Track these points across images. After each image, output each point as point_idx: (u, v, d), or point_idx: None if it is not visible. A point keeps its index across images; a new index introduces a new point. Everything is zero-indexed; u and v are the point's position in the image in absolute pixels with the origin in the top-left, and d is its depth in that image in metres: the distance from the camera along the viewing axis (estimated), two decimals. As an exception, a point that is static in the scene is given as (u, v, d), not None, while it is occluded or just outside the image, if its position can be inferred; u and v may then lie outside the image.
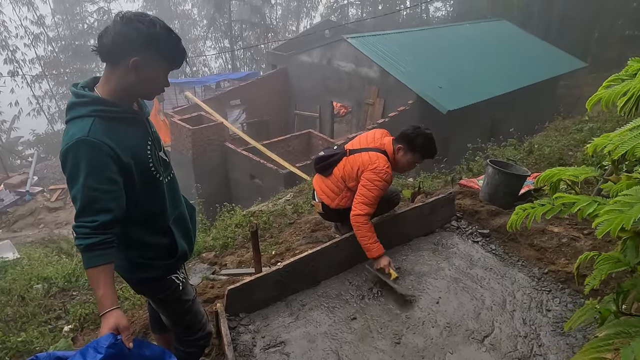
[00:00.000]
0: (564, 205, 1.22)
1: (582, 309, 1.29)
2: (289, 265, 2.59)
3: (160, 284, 1.69)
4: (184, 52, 1.48)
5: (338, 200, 2.84)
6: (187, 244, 1.74)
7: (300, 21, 36.09)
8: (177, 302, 1.76)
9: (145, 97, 1.54)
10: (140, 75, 1.41)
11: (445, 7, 30.97)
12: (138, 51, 1.38)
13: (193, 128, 11.87)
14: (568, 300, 2.54)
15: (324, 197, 2.89)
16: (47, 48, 28.60)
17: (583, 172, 1.33)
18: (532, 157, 5.44)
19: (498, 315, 2.48)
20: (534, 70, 14.49)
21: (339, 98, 15.17)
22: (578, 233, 2.89)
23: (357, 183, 2.71)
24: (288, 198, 6.52)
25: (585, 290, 1.32)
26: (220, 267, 4.07)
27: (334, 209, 2.88)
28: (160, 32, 1.39)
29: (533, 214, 1.31)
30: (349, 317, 2.50)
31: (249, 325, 2.43)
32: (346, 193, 2.81)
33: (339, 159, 2.81)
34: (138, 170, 1.48)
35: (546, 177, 1.36)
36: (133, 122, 1.50)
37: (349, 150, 2.82)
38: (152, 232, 1.61)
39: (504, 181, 3.34)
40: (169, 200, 1.64)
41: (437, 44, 14.86)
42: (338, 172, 2.80)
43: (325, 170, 2.86)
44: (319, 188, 2.94)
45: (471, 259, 2.96)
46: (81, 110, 1.39)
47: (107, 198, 1.36)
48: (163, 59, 1.43)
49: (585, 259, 1.35)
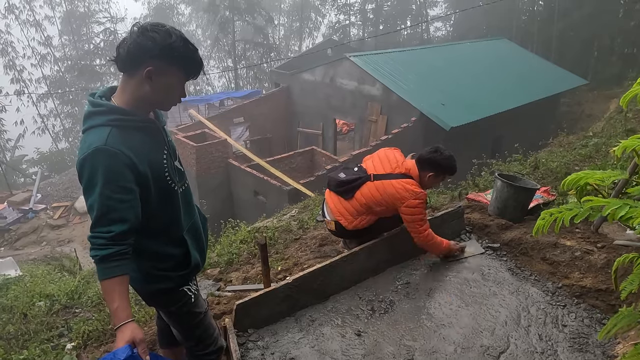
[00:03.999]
0: (592, 209, 1.19)
1: (616, 316, 1.24)
2: (298, 280, 2.55)
3: (172, 295, 1.66)
4: (201, 63, 1.47)
5: (357, 222, 2.82)
6: (199, 254, 1.72)
7: (303, 41, 36.68)
8: (189, 315, 1.73)
9: (161, 107, 1.53)
10: (155, 84, 1.41)
11: (446, 27, 31.48)
12: (152, 60, 1.37)
13: (197, 145, 11.93)
14: (584, 315, 2.48)
15: (341, 218, 2.85)
16: (53, 68, 29.11)
17: (611, 175, 1.30)
18: (538, 172, 5.41)
19: (513, 331, 2.41)
20: (535, 88, 14.61)
21: (342, 115, 15.27)
22: (591, 246, 2.84)
23: (386, 209, 2.76)
24: (293, 214, 6.49)
25: (622, 295, 1.28)
26: (225, 284, 4.01)
27: (350, 230, 2.86)
28: (175, 41, 1.38)
29: (561, 218, 1.27)
30: (360, 332, 2.44)
31: (257, 341, 2.37)
32: (366, 216, 2.80)
33: (362, 184, 2.80)
34: (154, 179, 1.46)
35: (572, 181, 1.33)
36: (149, 131, 1.49)
37: (372, 175, 2.79)
38: (166, 242, 1.59)
39: (513, 194, 3.31)
40: (183, 210, 1.62)
41: (438, 62, 15.03)
42: (361, 197, 2.78)
43: (347, 194, 2.83)
44: (335, 208, 2.89)
45: (483, 273, 2.91)
46: (98, 120, 1.39)
47: (123, 207, 1.34)
48: (178, 68, 1.42)
49: (623, 261, 1.31)
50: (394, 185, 2.69)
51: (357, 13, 32.02)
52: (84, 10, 29.73)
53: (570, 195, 3.38)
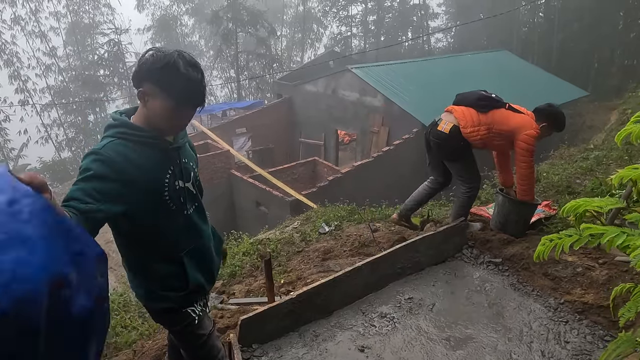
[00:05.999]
0: (592, 236, 1.23)
1: (615, 341, 1.27)
2: (302, 295, 2.57)
3: (175, 316, 1.67)
4: (195, 92, 1.44)
5: (472, 130, 3.16)
6: (204, 276, 1.71)
7: (305, 52, 37.00)
8: (192, 336, 1.73)
9: (161, 131, 1.51)
10: (148, 107, 1.45)
11: (447, 38, 31.76)
12: (145, 83, 1.42)
13: (200, 156, 11.98)
14: (586, 332, 2.49)
15: (463, 121, 3.19)
16: (57, 78, 29.38)
17: (609, 203, 1.34)
18: (539, 185, 5.44)
19: (516, 347, 2.43)
20: (536, 99, 14.61)
21: (343, 126, 15.36)
22: (593, 262, 2.86)
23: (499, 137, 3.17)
24: (295, 226, 6.50)
25: (620, 322, 1.30)
26: (228, 296, 4.03)
27: (461, 136, 3.18)
28: (165, 66, 1.38)
29: (560, 244, 1.31)
30: (363, 348, 2.45)
31: (262, 356, 2.39)
32: (484, 130, 3.16)
33: (500, 106, 3.22)
34: (148, 193, 1.48)
35: (572, 208, 1.37)
36: (155, 148, 1.51)
37: (508, 105, 3.24)
38: (163, 260, 1.60)
39: (515, 209, 3.33)
40: (185, 231, 1.63)
41: (439, 74, 15.15)
42: (492, 115, 3.18)
43: (484, 108, 3.22)
44: (462, 115, 3.22)
45: (485, 288, 2.93)
46: (110, 132, 1.48)
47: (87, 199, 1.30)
48: (168, 94, 1.40)
49: (620, 291, 1.34)
50: (522, 117, 3.14)
51: (359, 24, 32.36)
52: (89, 22, 30.11)
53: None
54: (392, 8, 31.44)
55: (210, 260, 1.78)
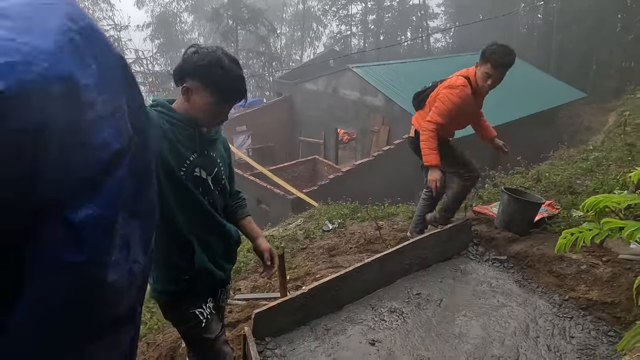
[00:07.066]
0: (611, 229, 1.29)
1: (634, 329, 1.33)
2: (314, 290, 2.62)
3: (182, 316, 1.69)
4: (237, 88, 1.51)
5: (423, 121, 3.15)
6: (212, 264, 1.71)
7: (304, 50, 37.03)
8: (197, 338, 1.73)
9: (201, 124, 1.59)
10: (191, 102, 1.53)
11: (445, 39, 31.88)
12: (189, 79, 1.50)
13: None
14: (591, 327, 2.56)
15: (416, 124, 3.32)
16: (56, 74, 29.24)
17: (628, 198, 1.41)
18: (540, 185, 5.52)
19: (522, 342, 2.49)
20: (535, 100, 14.79)
21: (344, 125, 15.41)
22: (597, 260, 2.93)
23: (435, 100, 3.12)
24: (298, 223, 6.56)
25: None
26: (234, 292, 4.08)
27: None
28: (209, 64, 1.45)
29: (582, 237, 1.37)
30: (374, 341, 2.51)
31: (275, 349, 2.44)
32: None
33: (429, 93, 3.25)
34: (166, 162, 1.52)
35: (592, 204, 1.43)
36: (182, 131, 1.56)
37: (439, 81, 3.24)
38: (171, 235, 1.60)
39: (520, 208, 3.40)
40: (197, 217, 1.63)
41: (439, 74, 15.10)
42: (427, 106, 3.26)
43: (419, 106, 3.36)
44: (414, 118, 3.42)
45: (490, 284, 2.99)
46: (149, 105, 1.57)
47: None
48: (212, 91, 1.49)
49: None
50: (436, 91, 3.15)
51: (359, 24, 32.43)
52: (88, 18, 30.01)
53: (575, 210, 3.47)
54: (392, 8, 31.55)
55: (221, 256, 1.77)
